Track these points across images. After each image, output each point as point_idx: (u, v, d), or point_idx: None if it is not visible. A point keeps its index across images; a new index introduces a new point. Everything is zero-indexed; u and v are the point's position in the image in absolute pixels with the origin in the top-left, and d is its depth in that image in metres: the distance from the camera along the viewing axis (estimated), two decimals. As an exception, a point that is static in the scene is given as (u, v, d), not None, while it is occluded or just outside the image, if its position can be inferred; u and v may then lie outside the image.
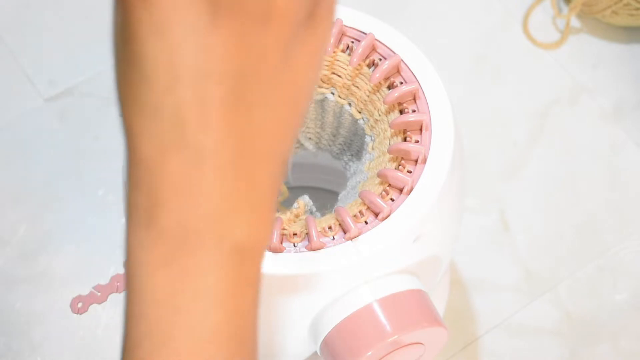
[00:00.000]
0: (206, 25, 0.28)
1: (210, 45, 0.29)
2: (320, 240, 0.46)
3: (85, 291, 0.58)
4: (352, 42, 0.51)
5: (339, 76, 0.51)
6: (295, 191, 0.58)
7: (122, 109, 0.31)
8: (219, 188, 0.30)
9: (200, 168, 0.30)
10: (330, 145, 0.57)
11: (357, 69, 0.51)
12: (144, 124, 0.30)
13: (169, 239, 0.30)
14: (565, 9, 0.80)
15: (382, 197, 0.47)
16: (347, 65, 0.51)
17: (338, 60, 0.51)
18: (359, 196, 0.48)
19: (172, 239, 0.30)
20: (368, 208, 0.47)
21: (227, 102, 0.29)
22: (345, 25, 0.51)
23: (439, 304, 0.61)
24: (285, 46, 0.30)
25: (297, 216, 0.49)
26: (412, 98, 0.50)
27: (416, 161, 0.48)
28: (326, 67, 0.51)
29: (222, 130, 0.29)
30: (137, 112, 0.30)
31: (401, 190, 0.47)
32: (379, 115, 0.50)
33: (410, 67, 0.50)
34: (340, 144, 0.56)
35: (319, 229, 0.46)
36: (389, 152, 0.49)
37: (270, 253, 0.46)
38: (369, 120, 0.51)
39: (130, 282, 0.31)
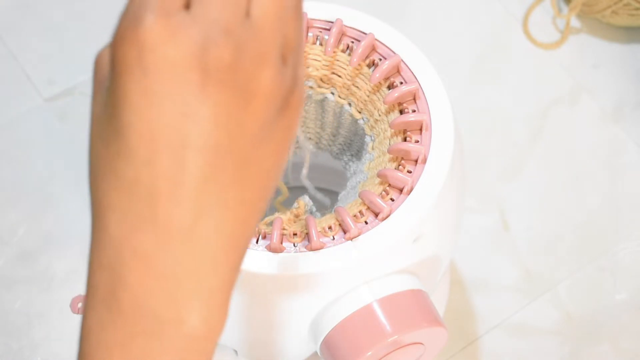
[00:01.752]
0: (195, 94, 0.28)
1: (195, 114, 0.28)
2: (320, 240, 0.46)
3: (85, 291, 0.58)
4: (352, 42, 0.51)
5: (339, 76, 0.51)
6: (295, 191, 0.58)
7: (93, 185, 0.30)
8: (182, 270, 0.30)
9: (166, 247, 0.29)
10: (330, 145, 0.57)
11: (357, 69, 0.51)
12: (117, 200, 0.29)
13: (129, 320, 0.30)
14: (565, 9, 0.80)
15: (382, 197, 0.47)
16: (347, 65, 0.51)
17: (338, 60, 0.51)
18: (359, 196, 0.48)
19: (132, 320, 0.30)
20: (368, 208, 0.47)
21: (201, 176, 0.29)
22: (345, 25, 0.51)
23: (439, 304, 0.61)
24: (262, 126, 0.30)
25: (297, 216, 0.49)
26: (412, 98, 0.50)
27: (416, 161, 0.48)
28: (326, 67, 0.51)
29: (192, 206, 0.29)
30: (112, 187, 0.29)
31: (401, 190, 0.47)
32: (379, 115, 0.50)
33: (410, 67, 0.50)
34: (340, 144, 0.56)
35: (319, 229, 0.46)
36: (389, 152, 0.49)
37: (271, 253, 0.46)
38: (369, 120, 0.51)
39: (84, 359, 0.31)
